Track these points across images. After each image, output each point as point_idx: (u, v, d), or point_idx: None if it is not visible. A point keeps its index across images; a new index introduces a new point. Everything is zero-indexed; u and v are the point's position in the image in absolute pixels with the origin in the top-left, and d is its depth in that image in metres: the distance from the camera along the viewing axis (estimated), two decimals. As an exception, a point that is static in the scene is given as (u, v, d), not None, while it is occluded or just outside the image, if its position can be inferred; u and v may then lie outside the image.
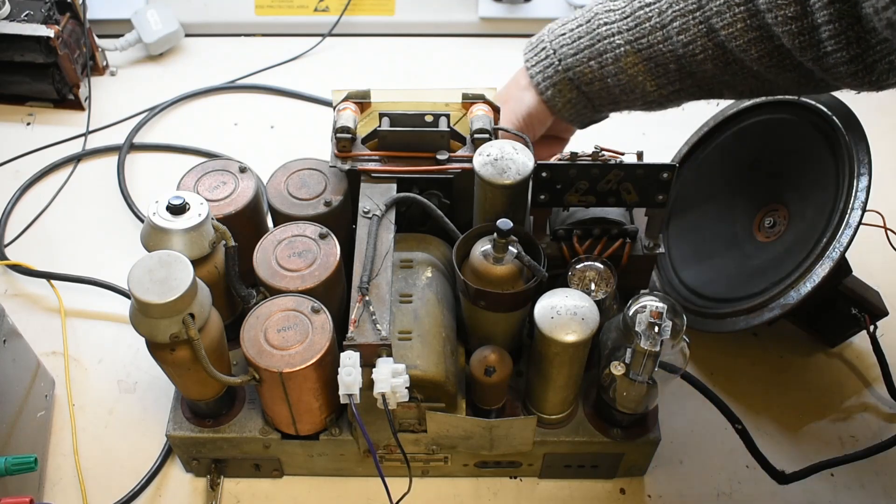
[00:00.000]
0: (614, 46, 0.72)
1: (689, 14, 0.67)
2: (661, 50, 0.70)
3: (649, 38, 0.70)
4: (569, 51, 0.74)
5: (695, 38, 0.68)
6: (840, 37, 0.60)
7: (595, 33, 0.72)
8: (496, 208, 0.69)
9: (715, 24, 0.66)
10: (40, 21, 1.03)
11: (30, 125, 1.10)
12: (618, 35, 0.71)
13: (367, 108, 0.76)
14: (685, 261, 0.87)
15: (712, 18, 0.66)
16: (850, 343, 0.88)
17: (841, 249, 0.72)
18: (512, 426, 0.69)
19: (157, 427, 0.81)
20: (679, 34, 0.68)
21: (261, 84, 1.15)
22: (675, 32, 0.68)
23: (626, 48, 0.71)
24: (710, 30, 0.66)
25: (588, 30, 0.73)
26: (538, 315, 0.64)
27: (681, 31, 0.68)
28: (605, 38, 0.72)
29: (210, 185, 0.75)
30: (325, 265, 0.69)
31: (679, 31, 0.68)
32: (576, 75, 0.74)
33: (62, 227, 0.99)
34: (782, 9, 0.61)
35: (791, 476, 0.78)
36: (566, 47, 0.74)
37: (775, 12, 0.61)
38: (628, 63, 0.72)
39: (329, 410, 0.71)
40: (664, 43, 0.69)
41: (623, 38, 0.71)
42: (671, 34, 0.68)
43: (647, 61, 0.71)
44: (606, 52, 0.72)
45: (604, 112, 0.79)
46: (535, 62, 0.77)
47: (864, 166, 0.74)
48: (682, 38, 0.68)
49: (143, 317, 0.62)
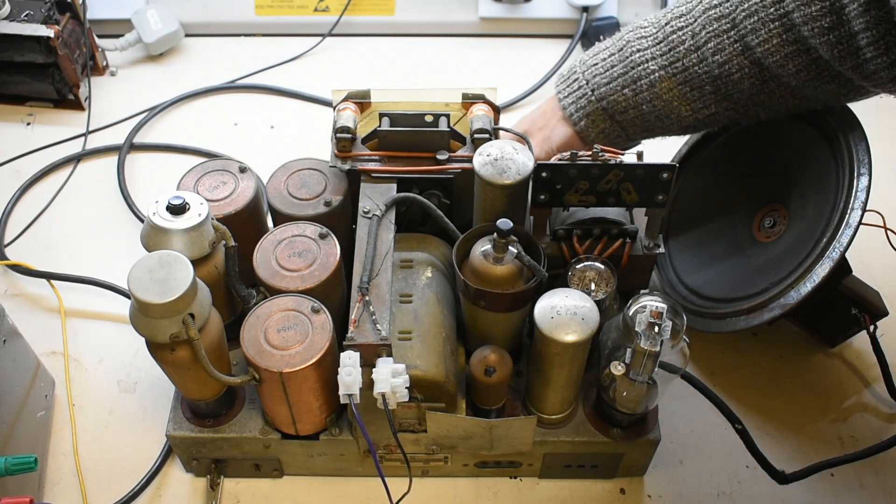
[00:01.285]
0: (649, 72, 0.71)
1: (724, 34, 0.67)
2: (696, 72, 0.70)
3: (684, 61, 0.70)
4: (602, 80, 0.74)
5: (731, 58, 0.67)
6: (879, 42, 0.60)
7: (628, 61, 0.72)
8: (496, 208, 0.69)
9: (750, 41, 0.66)
10: (40, 21, 1.03)
11: (30, 125, 1.10)
12: (651, 61, 0.71)
13: (367, 108, 0.76)
14: (685, 261, 0.87)
15: (747, 37, 0.66)
16: (850, 343, 0.88)
17: (841, 249, 0.72)
18: (512, 426, 0.69)
19: (157, 427, 0.81)
20: (714, 55, 0.68)
21: (261, 84, 1.15)
22: (711, 53, 0.68)
23: (661, 73, 0.71)
24: (745, 48, 0.66)
25: (621, 58, 0.73)
26: (538, 315, 0.64)
27: (716, 52, 0.68)
28: (638, 64, 0.72)
29: (210, 185, 0.75)
30: (325, 265, 0.69)
31: (714, 52, 0.68)
32: (609, 104, 0.74)
33: (62, 227, 0.99)
34: (817, 20, 0.61)
35: (791, 476, 0.78)
36: (599, 77, 0.74)
37: (811, 24, 0.61)
38: (663, 88, 0.71)
39: (329, 410, 0.71)
40: (700, 65, 0.69)
41: (657, 64, 0.71)
42: (706, 55, 0.68)
43: (683, 85, 0.71)
44: (641, 78, 0.72)
45: (637, 139, 0.79)
46: (568, 93, 0.77)
47: (864, 166, 0.74)
48: (717, 59, 0.68)
49: (143, 317, 0.62)
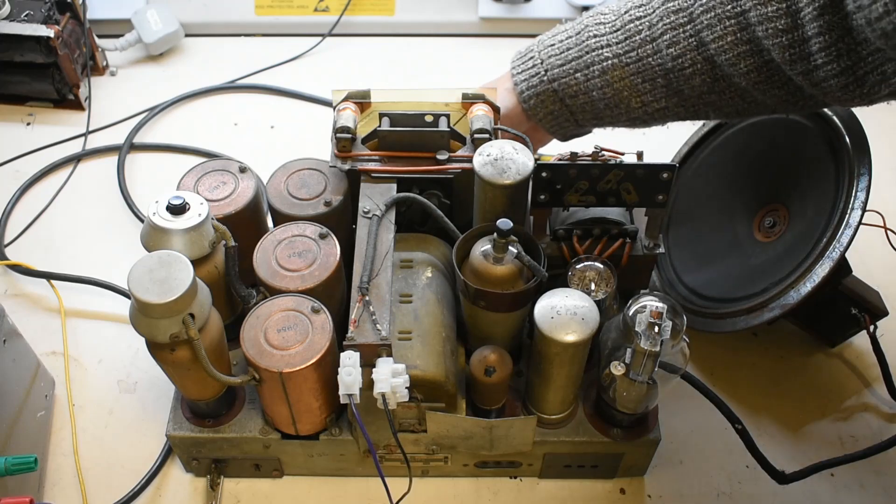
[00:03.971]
0: (602, 59, 0.71)
1: (680, 27, 0.67)
2: (649, 63, 0.70)
3: (639, 51, 0.70)
4: (556, 61, 0.74)
5: (684, 52, 0.67)
6: (830, 48, 0.59)
7: (584, 45, 0.72)
8: (496, 208, 0.69)
9: (705, 37, 0.65)
10: (40, 21, 1.03)
11: (30, 125, 1.10)
12: (606, 48, 0.71)
13: (367, 108, 0.76)
14: (685, 261, 0.87)
15: (703, 31, 0.65)
16: (850, 343, 0.88)
17: (841, 249, 0.72)
18: (512, 426, 0.69)
19: (157, 427, 0.81)
20: (669, 47, 0.68)
21: (261, 84, 1.15)
22: (665, 45, 0.68)
23: (614, 61, 0.71)
24: (700, 43, 0.66)
25: (577, 41, 0.73)
26: (538, 315, 0.64)
27: (671, 45, 0.68)
28: (593, 49, 0.72)
29: (210, 185, 0.75)
30: (325, 265, 0.69)
31: (669, 45, 0.68)
32: (561, 87, 0.74)
33: (62, 227, 0.99)
34: (773, 21, 0.60)
35: (791, 476, 0.78)
36: (554, 58, 0.74)
37: (766, 24, 0.61)
38: (615, 77, 0.71)
39: (329, 410, 0.71)
40: (653, 56, 0.69)
41: (612, 52, 0.71)
42: (661, 47, 0.68)
43: (635, 76, 0.71)
44: (594, 64, 0.72)
45: (587, 127, 0.78)
46: (522, 70, 0.77)
47: (864, 166, 0.74)
48: (671, 52, 0.68)
49: (143, 317, 0.62)
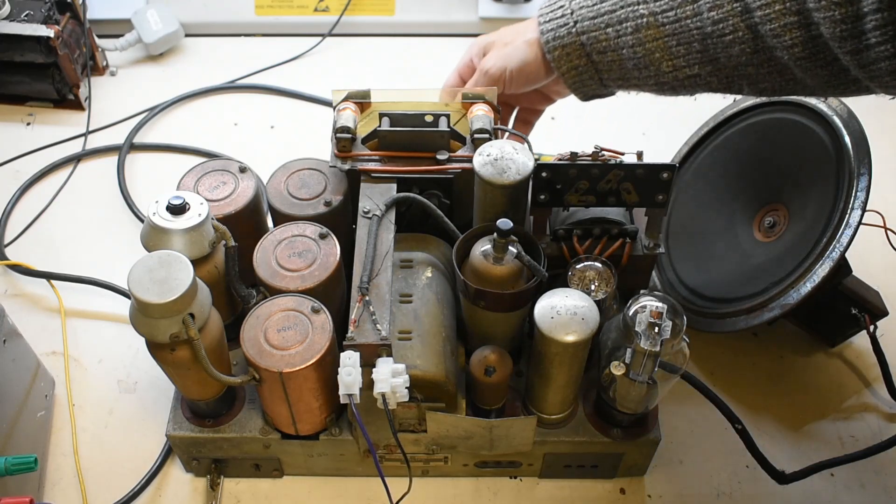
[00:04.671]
0: (637, 15, 0.67)
1: None
2: (687, 25, 0.65)
3: (678, 11, 0.65)
4: (587, 13, 0.70)
5: (727, 17, 0.63)
6: (887, 28, 0.55)
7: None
8: (496, 208, 0.69)
9: (751, 2, 0.61)
10: (40, 21, 1.03)
11: (30, 125, 1.10)
12: (643, 4, 0.67)
13: (367, 108, 0.76)
14: (685, 261, 0.87)
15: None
16: (850, 343, 0.88)
17: (841, 249, 0.72)
18: (512, 426, 0.69)
19: (157, 427, 0.81)
20: (711, 10, 0.64)
21: (261, 84, 1.15)
22: (707, 8, 0.64)
23: (650, 19, 0.67)
24: (745, 9, 0.62)
25: None
26: (538, 315, 0.64)
27: (713, 7, 0.63)
28: (628, 4, 0.68)
29: (210, 185, 0.75)
30: (325, 265, 0.69)
31: (711, 7, 0.64)
32: (589, 40, 0.70)
33: (62, 227, 0.99)
34: None
35: (791, 476, 0.78)
36: (586, 9, 0.70)
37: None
38: (648, 36, 0.67)
39: (329, 410, 0.71)
40: (693, 18, 0.65)
41: (648, 9, 0.67)
42: (702, 9, 0.64)
43: (670, 37, 0.67)
44: (627, 20, 0.68)
45: (611, 87, 0.74)
46: (550, 18, 0.72)
47: (864, 166, 0.74)
48: (713, 15, 0.64)
49: (143, 317, 0.62)
